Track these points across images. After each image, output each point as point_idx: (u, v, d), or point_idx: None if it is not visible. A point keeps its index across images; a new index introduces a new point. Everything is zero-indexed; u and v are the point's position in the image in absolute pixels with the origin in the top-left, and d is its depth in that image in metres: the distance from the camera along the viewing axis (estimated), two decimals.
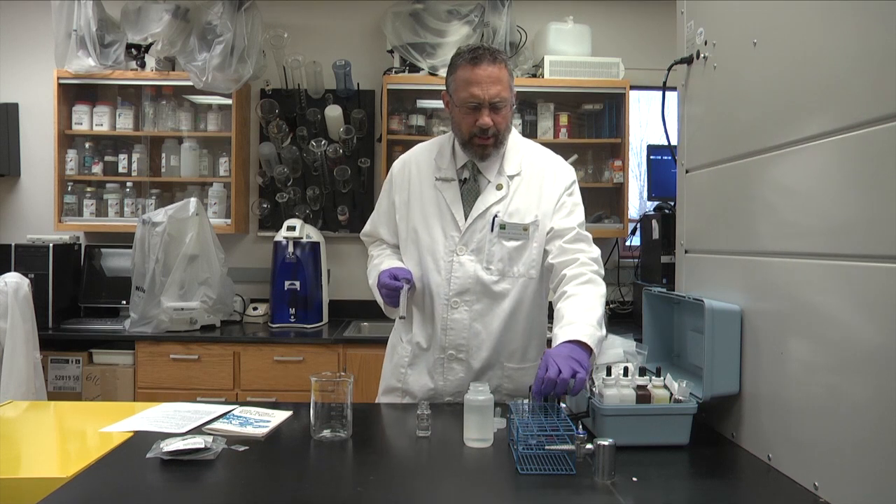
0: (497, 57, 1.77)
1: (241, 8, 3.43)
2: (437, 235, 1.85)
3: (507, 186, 1.85)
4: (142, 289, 3.23)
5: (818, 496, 1.23)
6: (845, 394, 1.18)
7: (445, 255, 1.84)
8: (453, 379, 1.86)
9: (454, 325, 1.84)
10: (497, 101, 1.76)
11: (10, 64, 3.79)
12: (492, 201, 1.84)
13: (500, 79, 1.76)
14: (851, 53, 1.18)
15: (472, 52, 1.78)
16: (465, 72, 1.77)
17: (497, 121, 1.78)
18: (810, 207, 1.29)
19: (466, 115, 1.78)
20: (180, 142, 3.64)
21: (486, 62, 1.75)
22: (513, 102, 1.84)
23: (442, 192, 1.87)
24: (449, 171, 1.88)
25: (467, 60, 1.77)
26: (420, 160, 1.94)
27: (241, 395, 3.09)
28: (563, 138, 3.67)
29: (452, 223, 1.84)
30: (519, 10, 3.64)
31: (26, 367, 2.60)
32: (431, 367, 1.88)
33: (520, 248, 1.83)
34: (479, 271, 1.82)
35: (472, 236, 1.83)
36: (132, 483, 1.31)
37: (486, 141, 1.80)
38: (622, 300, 3.86)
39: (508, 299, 1.83)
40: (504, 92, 1.77)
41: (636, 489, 1.28)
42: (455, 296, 1.83)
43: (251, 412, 1.70)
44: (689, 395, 1.51)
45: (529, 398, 1.55)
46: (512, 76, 1.81)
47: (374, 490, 1.28)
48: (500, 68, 1.76)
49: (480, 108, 1.76)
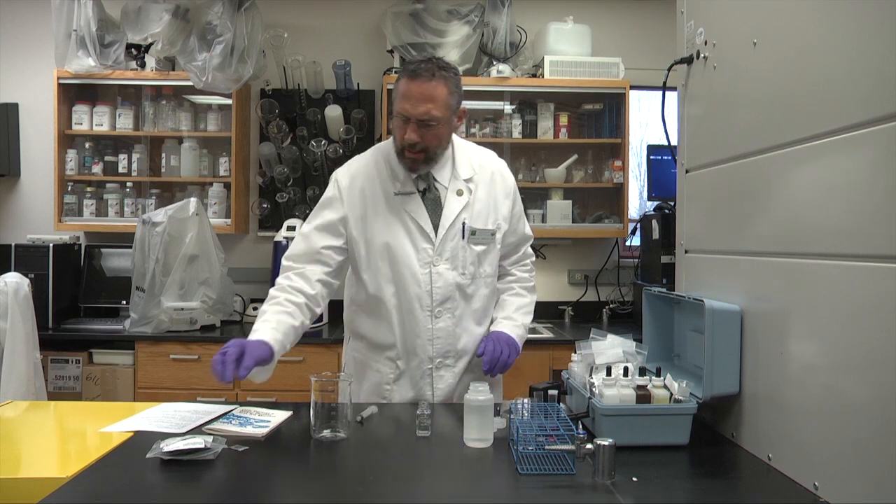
0: (437, 73, 1.73)
1: (241, 8, 3.43)
2: (409, 249, 1.83)
3: (467, 191, 1.87)
4: (142, 289, 3.22)
5: (818, 496, 1.23)
6: (845, 394, 1.18)
7: (421, 267, 1.83)
8: (443, 387, 1.88)
9: (440, 333, 1.85)
10: (425, 119, 1.73)
11: (10, 64, 3.79)
12: (458, 209, 1.86)
13: (434, 97, 1.72)
14: (851, 53, 1.18)
15: (414, 64, 1.76)
16: (402, 84, 1.75)
17: (427, 137, 1.75)
18: (810, 207, 1.29)
19: (399, 126, 1.77)
20: (180, 142, 3.64)
21: (423, 78, 1.72)
22: (451, 119, 1.80)
23: (403, 205, 1.84)
24: (407, 184, 1.85)
25: (407, 73, 1.75)
26: (370, 174, 1.87)
27: (241, 395, 3.09)
28: (563, 138, 3.67)
29: (422, 235, 1.83)
30: (519, 10, 3.64)
31: (26, 367, 2.60)
32: (419, 378, 1.88)
33: (486, 251, 1.90)
34: (456, 278, 1.85)
35: (445, 245, 1.84)
36: (132, 483, 1.31)
37: (415, 155, 1.78)
38: (622, 300, 3.86)
39: (477, 299, 1.90)
40: (435, 111, 1.72)
41: (636, 489, 1.28)
42: (438, 305, 1.84)
43: (251, 412, 1.70)
44: (689, 395, 1.51)
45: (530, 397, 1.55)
46: (454, 93, 1.77)
47: (374, 490, 1.28)
48: (437, 86, 1.72)
49: (409, 122, 1.74)
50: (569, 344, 2.94)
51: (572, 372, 1.73)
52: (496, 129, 3.69)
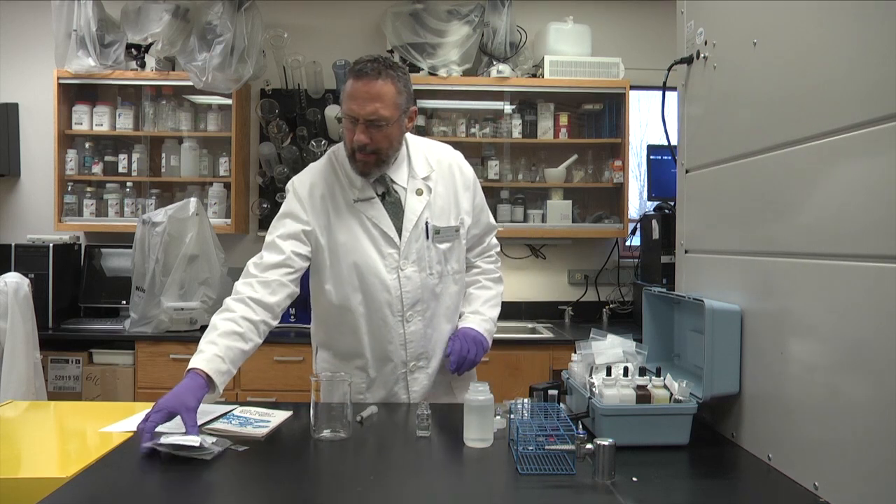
0: (384, 72, 1.69)
1: (241, 8, 3.43)
2: (374, 256, 1.80)
3: (427, 190, 1.84)
4: (142, 289, 3.23)
5: (818, 496, 1.23)
6: (845, 394, 1.18)
7: (389, 273, 1.80)
8: (418, 388, 1.87)
9: (413, 336, 1.84)
10: (373, 118, 1.68)
11: (10, 64, 3.79)
12: (420, 209, 1.82)
13: (381, 96, 1.68)
14: (851, 53, 1.18)
15: (360, 63, 1.70)
16: (348, 84, 1.71)
17: (377, 138, 1.71)
18: (810, 207, 1.29)
19: (348, 129, 1.73)
20: (180, 142, 3.64)
21: (369, 77, 1.67)
22: (401, 120, 1.75)
23: (364, 212, 1.80)
24: (366, 189, 1.80)
25: (353, 73, 1.70)
26: (328, 181, 1.83)
27: (241, 395, 3.09)
28: (563, 138, 3.67)
29: (386, 241, 1.80)
30: (519, 10, 3.64)
31: (26, 367, 2.60)
32: (393, 384, 1.87)
33: (452, 248, 1.87)
34: (424, 279, 1.83)
35: (410, 248, 1.81)
36: (132, 483, 1.31)
37: (366, 157, 1.73)
38: (622, 300, 3.86)
39: (447, 296, 1.89)
40: (383, 110, 1.68)
41: (636, 489, 1.28)
42: (409, 309, 1.82)
43: (251, 412, 1.70)
44: (689, 395, 1.51)
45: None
46: (403, 92, 1.72)
47: (374, 490, 1.28)
48: (384, 84, 1.68)
49: (358, 123, 1.70)
50: (569, 344, 2.94)
51: (572, 372, 1.73)
52: (496, 129, 3.69)
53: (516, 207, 3.68)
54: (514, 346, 3.23)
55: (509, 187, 3.70)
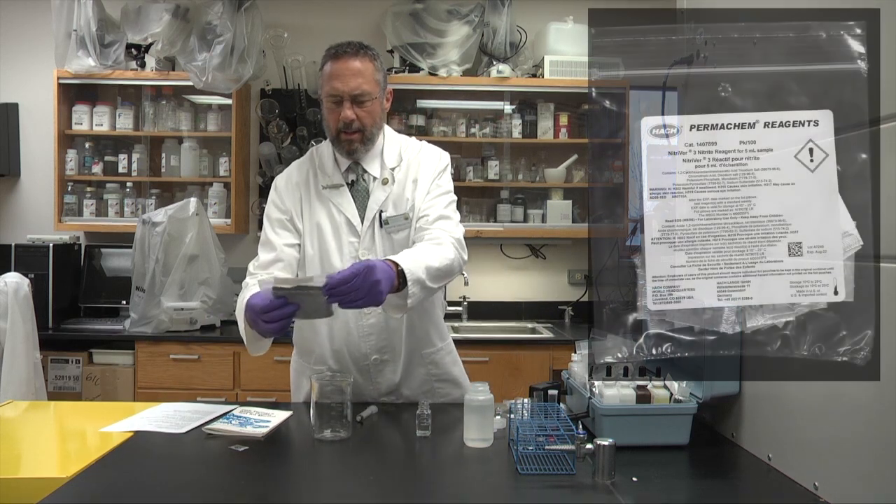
0: (360, 52, 1.76)
1: (241, 8, 3.43)
2: (336, 244, 1.80)
3: (392, 180, 1.84)
4: (142, 289, 3.23)
5: (818, 496, 1.23)
6: (845, 394, 1.18)
7: (348, 261, 1.77)
8: (383, 381, 1.85)
9: (372, 329, 1.80)
10: (358, 93, 1.73)
11: (10, 64, 3.79)
12: (382, 198, 1.82)
13: (362, 72, 1.74)
14: None
15: (336, 47, 1.78)
16: (327, 67, 1.78)
17: (361, 115, 1.75)
18: None
19: (331, 110, 1.78)
20: (180, 142, 3.64)
21: (348, 56, 1.75)
22: (381, 98, 1.80)
23: (331, 199, 1.82)
24: (335, 176, 1.83)
25: (330, 56, 1.77)
26: (303, 172, 1.88)
27: (241, 395, 3.09)
28: (563, 138, 3.67)
29: (349, 229, 1.80)
30: (519, 10, 3.64)
31: (26, 367, 2.60)
32: (358, 376, 1.82)
33: (408, 236, 1.82)
34: None
35: (371, 237, 1.80)
36: (132, 483, 1.31)
37: (351, 136, 1.77)
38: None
39: None
40: (366, 85, 1.74)
41: (636, 489, 1.28)
42: None
43: (251, 412, 1.70)
44: (688, 395, 1.51)
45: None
46: (380, 71, 1.79)
47: (374, 490, 1.28)
48: (362, 62, 1.75)
49: (343, 101, 1.75)
50: (569, 344, 2.94)
51: (572, 372, 1.73)
52: (496, 129, 3.69)
53: (516, 207, 3.68)
54: (514, 346, 3.24)
55: (509, 187, 3.70)
